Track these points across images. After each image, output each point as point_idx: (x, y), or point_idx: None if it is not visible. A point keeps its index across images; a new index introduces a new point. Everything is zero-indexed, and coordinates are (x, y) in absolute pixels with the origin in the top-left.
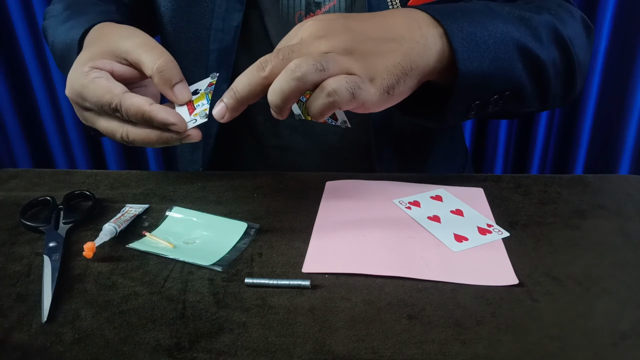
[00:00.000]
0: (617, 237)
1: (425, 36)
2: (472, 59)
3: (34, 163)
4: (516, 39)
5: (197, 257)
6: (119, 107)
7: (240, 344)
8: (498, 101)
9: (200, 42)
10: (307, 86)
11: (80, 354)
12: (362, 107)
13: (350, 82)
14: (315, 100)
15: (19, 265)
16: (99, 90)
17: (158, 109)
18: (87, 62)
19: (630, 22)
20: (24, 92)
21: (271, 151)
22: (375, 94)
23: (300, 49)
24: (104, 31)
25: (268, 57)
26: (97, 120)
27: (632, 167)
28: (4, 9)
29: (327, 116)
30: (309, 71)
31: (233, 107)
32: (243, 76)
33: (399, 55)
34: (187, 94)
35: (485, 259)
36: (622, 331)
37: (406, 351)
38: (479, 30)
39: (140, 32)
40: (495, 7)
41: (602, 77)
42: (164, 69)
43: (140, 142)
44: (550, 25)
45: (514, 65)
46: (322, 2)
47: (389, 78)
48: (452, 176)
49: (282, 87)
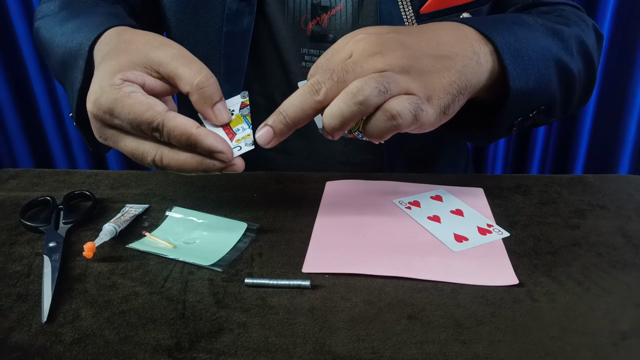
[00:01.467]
0: (617, 237)
1: (477, 53)
2: (520, 76)
3: (34, 163)
4: (554, 54)
5: (197, 257)
6: (161, 127)
7: (240, 344)
8: (535, 116)
9: (209, 45)
10: (370, 110)
11: (80, 354)
12: (419, 129)
13: (412, 104)
14: (377, 123)
15: (19, 265)
16: (138, 106)
17: (206, 134)
18: (117, 74)
19: (630, 22)
20: (24, 91)
21: (275, 155)
22: (433, 114)
23: (355, 69)
24: (126, 37)
25: (320, 78)
26: (122, 139)
27: (632, 167)
28: (4, 9)
29: (388, 138)
30: (372, 94)
31: (282, 132)
32: (294, 99)
33: (454, 74)
34: (227, 114)
35: (485, 259)
36: (622, 331)
37: (406, 351)
38: (524, 46)
39: (172, 41)
40: (528, 19)
41: (602, 77)
42: (205, 86)
43: (176, 167)
44: (578, 37)
45: (552, 80)
46: (328, 7)
47: (446, 97)
48: (452, 176)
49: (342, 111)
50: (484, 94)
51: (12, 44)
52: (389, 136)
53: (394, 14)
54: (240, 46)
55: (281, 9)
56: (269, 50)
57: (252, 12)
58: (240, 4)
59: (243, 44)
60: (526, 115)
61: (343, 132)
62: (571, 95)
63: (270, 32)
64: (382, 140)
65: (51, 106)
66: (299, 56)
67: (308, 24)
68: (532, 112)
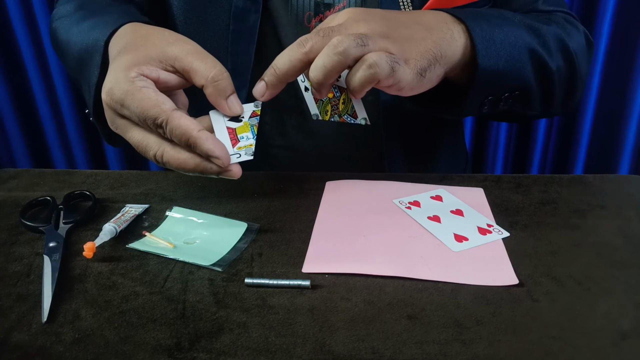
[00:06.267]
0: (617, 237)
1: (451, 30)
2: (490, 56)
3: (33, 163)
4: (527, 43)
5: (197, 257)
6: (164, 125)
7: (240, 344)
8: (508, 99)
9: (217, 43)
10: (349, 61)
11: (80, 354)
12: (396, 87)
13: (389, 57)
14: (356, 73)
15: (19, 265)
16: (146, 102)
17: (206, 137)
18: (133, 67)
19: (630, 22)
20: (24, 92)
21: (277, 151)
22: (410, 73)
23: (340, 29)
24: (141, 33)
25: (308, 35)
26: (130, 130)
27: (632, 167)
28: (3, 9)
29: (367, 90)
30: (351, 46)
31: (273, 85)
32: (284, 53)
33: (430, 43)
34: (240, 106)
35: (485, 259)
36: (622, 331)
37: (406, 351)
38: (497, 31)
39: (186, 37)
40: (508, 15)
41: (602, 77)
42: (220, 79)
43: (175, 165)
44: (557, 36)
45: (525, 67)
46: (331, 4)
47: (422, 61)
48: (452, 176)
49: (324, 62)
50: (457, 72)
51: (12, 44)
52: (368, 88)
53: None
54: (247, 43)
55: (285, 6)
56: (273, 47)
57: (258, 10)
58: (247, 2)
59: (249, 41)
60: (499, 96)
61: (328, 86)
62: (551, 89)
63: (274, 29)
64: (362, 93)
65: (51, 106)
66: None
67: (311, 21)
68: (504, 93)
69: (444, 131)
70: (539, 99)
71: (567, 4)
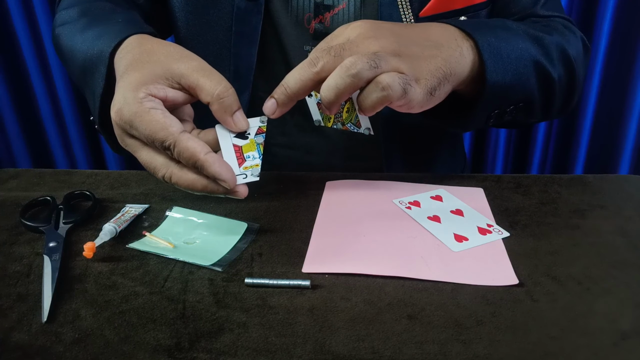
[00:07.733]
0: (617, 237)
1: (460, 46)
2: (498, 71)
3: (34, 163)
4: (533, 56)
5: (197, 257)
6: (172, 148)
7: (240, 344)
8: (513, 111)
9: (219, 45)
10: (362, 83)
11: (80, 354)
12: (407, 106)
13: (401, 79)
14: (369, 95)
15: (19, 265)
16: (154, 124)
17: (213, 161)
18: (141, 87)
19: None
20: (24, 92)
21: (278, 149)
22: (421, 93)
23: (351, 47)
24: (146, 47)
25: (319, 53)
26: (139, 150)
27: (632, 167)
28: (4, 9)
29: (378, 110)
30: (364, 68)
31: (284, 103)
32: (294, 72)
33: (440, 61)
34: (246, 122)
35: (485, 259)
36: (622, 331)
37: (406, 351)
38: (504, 45)
39: (191, 53)
40: (512, 25)
41: (602, 77)
42: (225, 96)
43: (183, 186)
44: (559, 45)
45: (530, 80)
46: (331, 6)
47: (432, 80)
48: (452, 176)
49: (337, 83)
50: (465, 88)
51: (12, 44)
52: (380, 108)
53: (394, 17)
54: (249, 45)
55: (285, 8)
56: (274, 48)
57: (260, 11)
58: (249, 4)
59: (252, 42)
60: (503, 109)
61: (338, 105)
62: (552, 98)
63: (275, 31)
64: (373, 112)
65: (51, 106)
66: (302, 54)
67: (311, 23)
68: (510, 107)
69: (442, 133)
70: (540, 107)
71: (568, 4)
